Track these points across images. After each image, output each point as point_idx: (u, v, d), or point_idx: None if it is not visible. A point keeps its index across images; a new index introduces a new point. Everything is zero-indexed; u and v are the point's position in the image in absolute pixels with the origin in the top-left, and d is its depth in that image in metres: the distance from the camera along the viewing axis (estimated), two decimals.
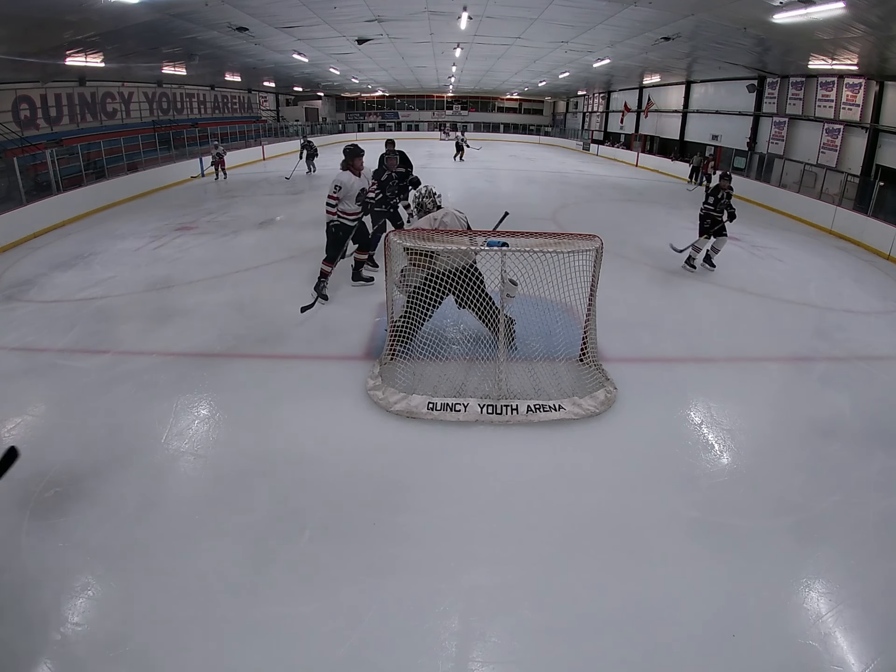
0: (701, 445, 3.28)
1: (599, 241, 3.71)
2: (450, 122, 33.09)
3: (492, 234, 3.61)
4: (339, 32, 12.58)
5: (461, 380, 3.70)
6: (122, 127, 15.39)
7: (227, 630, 2.07)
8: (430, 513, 2.67)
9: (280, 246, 7.37)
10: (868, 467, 3.12)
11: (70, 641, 2.00)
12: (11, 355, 4.32)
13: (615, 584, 2.30)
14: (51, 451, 3.06)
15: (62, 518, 2.58)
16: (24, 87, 12.29)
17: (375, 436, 3.25)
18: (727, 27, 9.51)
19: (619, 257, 6.65)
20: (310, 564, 2.36)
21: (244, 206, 10.68)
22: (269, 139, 21.19)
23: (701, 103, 18.08)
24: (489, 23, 11.57)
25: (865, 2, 6.74)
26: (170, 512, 2.65)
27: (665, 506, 2.76)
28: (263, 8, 9.81)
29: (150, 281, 6.01)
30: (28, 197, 8.76)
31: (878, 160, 11.02)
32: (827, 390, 4.02)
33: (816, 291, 6.21)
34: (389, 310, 3.88)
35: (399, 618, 2.13)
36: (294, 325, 4.77)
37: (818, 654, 2.02)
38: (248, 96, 24.73)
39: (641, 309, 5.37)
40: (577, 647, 2.04)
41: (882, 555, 2.49)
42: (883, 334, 5.10)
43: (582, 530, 2.59)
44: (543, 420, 3.39)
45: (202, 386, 3.82)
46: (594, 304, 3.89)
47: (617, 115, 24.63)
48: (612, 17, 10.12)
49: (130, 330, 4.75)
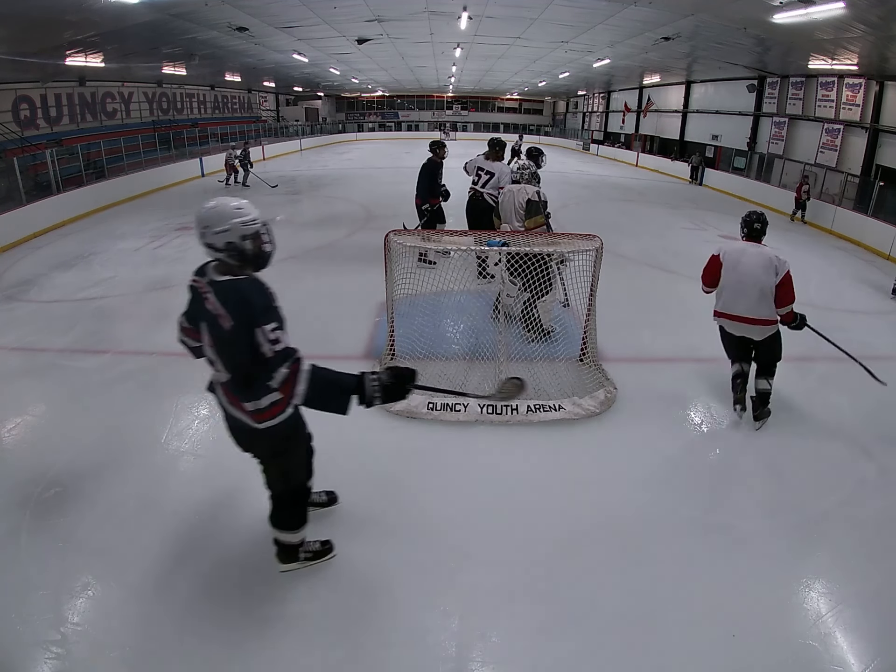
0: (701, 445, 3.28)
1: (599, 241, 3.72)
2: (450, 121, 33.09)
3: (492, 235, 3.61)
4: (339, 32, 12.58)
5: (461, 380, 3.70)
6: (122, 127, 15.39)
7: (228, 630, 2.06)
8: (429, 513, 2.67)
9: (280, 246, 7.29)
10: (868, 467, 3.12)
11: (70, 641, 1.99)
12: (11, 355, 4.32)
13: (615, 583, 2.30)
14: (51, 451, 3.06)
15: (62, 518, 2.58)
16: (24, 87, 12.29)
17: (375, 436, 3.25)
18: (727, 27, 9.51)
19: (620, 257, 6.64)
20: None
21: None
22: (270, 139, 21.21)
23: (701, 103, 18.08)
24: (489, 23, 11.57)
25: (865, 2, 6.73)
26: (170, 512, 2.64)
27: (665, 506, 2.76)
28: (263, 8, 9.81)
29: (150, 281, 6.01)
30: (28, 197, 8.76)
31: (878, 160, 11.01)
32: (827, 390, 4.02)
33: (816, 291, 6.20)
34: (389, 310, 3.88)
35: (399, 618, 2.13)
36: (294, 325, 4.75)
37: (818, 654, 2.02)
38: (248, 96, 24.73)
39: (641, 309, 5.37)
40: (577, 647, 2.04)
41: (882, 555, 2.48)
42: (883, 334, 5.09)
43: (582, 530, 2.59)
44: (543, 420, 3.39)
45: (202, 386, 3.79)
46: (594, 304, 3.89)
47: (617, 115, 24.63)
48: (612, 17, 10.12)
49: (130, 330, 4.75)
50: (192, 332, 1.97)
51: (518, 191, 4.25)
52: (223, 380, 1.87)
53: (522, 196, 4.20)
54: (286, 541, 2.21)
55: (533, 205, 4.17)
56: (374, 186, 13.24)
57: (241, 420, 1.84)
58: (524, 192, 4.22)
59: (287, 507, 2.16)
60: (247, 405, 1.75)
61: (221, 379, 1.88)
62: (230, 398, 1.86)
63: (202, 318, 1.83)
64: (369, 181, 14.12)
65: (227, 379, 1.84)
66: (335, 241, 7.73)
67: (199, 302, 1.84)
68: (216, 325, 1.74)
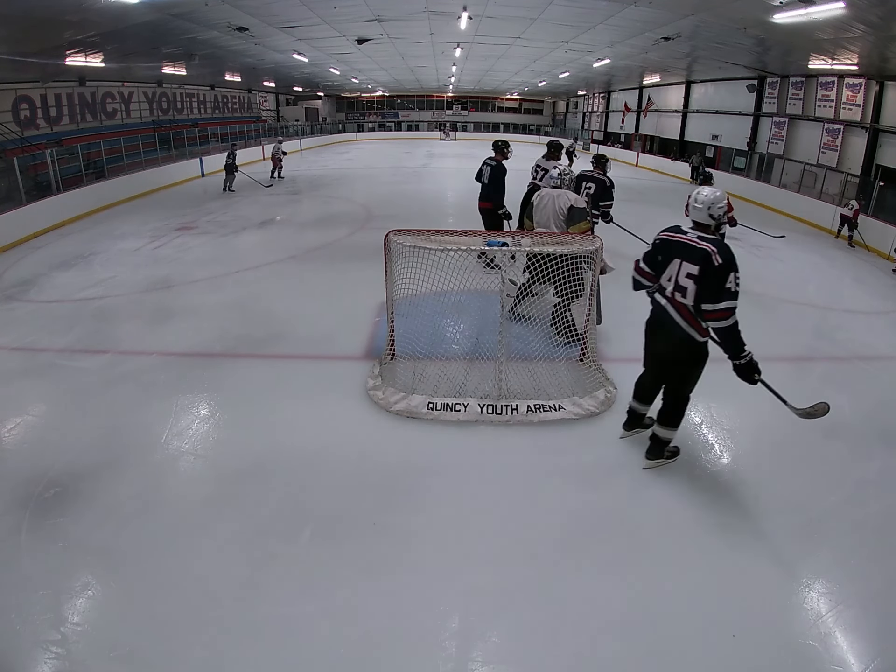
0: (701, 445, 3.28)
1: (599, 241, 3.72)
2: (450, 122, 33.08)
3: (492, 235, 3.61)
4: (339, 32, 12.57)
5: (461, 380, 3.70)
6: (122, 127, 15.37)
7: (228, 630, 2.07)
8: (430, 513, 2.67)
9: (280, 246, 7.38)
10: (868, 467, 3.13)
11: (70, 641, 1.99)
12: (11, 355, 4.32)
13: (615, 583, 2.30)
14: (51, 451, 3.06)
15: (62, 518, 2.58)
16: (24, 87, 12.27)
17: (375, 436, 3.25)
18: (727, 27, 9.50)
19: (620, 257, 6.64)
20: (310, 564, 2.36)
21: (244, 206, 10.69)
22: (269, 139, 21.20)
23: (701, 103, 18.08)
24: (489, 23, 11.55)
25: (865, 2, 6.72)
26: (169, 512, 2.64)
27: (665, 506, 2.76)
28: (263, 8, 9.79)
29: (150, 281, 6.01)
30: (28, 197, 8.76)
31: (878, 160, 11.00)
32: (827, 390, 4.01)
33: (816, 291, 6.21)
34: (389, 310, 3.88)
35: (399, 618, 2.13)
36: (294, 325, 4.77)
37: (818, 654, 2.02)
38: (248, 96, 24.71)
39: (641, 309, 5.35)
40: (577, 647, 2.04)
41: (882, 555, 2.48)
42: (883, 334, 5.10)
43: (582, 530, 2.59)
44: (543, 420, 3.39)
45: (202, 386, 3.82)
46: (594, 304, 3.89)
47: (617, 115, 24.62)
48: (612, 17, 10.10)
49: (130, 330, 4.75)
50: (651, 276, 2.81)
51: (558, 196, 4.24)
52: (687, 302, 2.63)
53: (564, 202, 4.20)
54: (664, 436, 2.95)
55: (576, 211, 4.19)
56: (374, 186, 13.25)
57: (688, 333, 2.67)
58: (565, 197, 4.22)
59: (680, 407, 2.90)
60: (703, 323, 2.61)
61: (685, 301, 2.64)
62: (687, 316, 2.65)
63: (683, 257, 2.62)
64: (369, 181, 14.12)
65: (692, 302, 2.61)
66: (335, 241, 7.73)
67: (678, 249, 2.66)
68: (708, 263, 2.51)
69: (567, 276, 3.67)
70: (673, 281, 2.67)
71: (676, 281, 2.65)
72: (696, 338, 2.67)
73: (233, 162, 12.50)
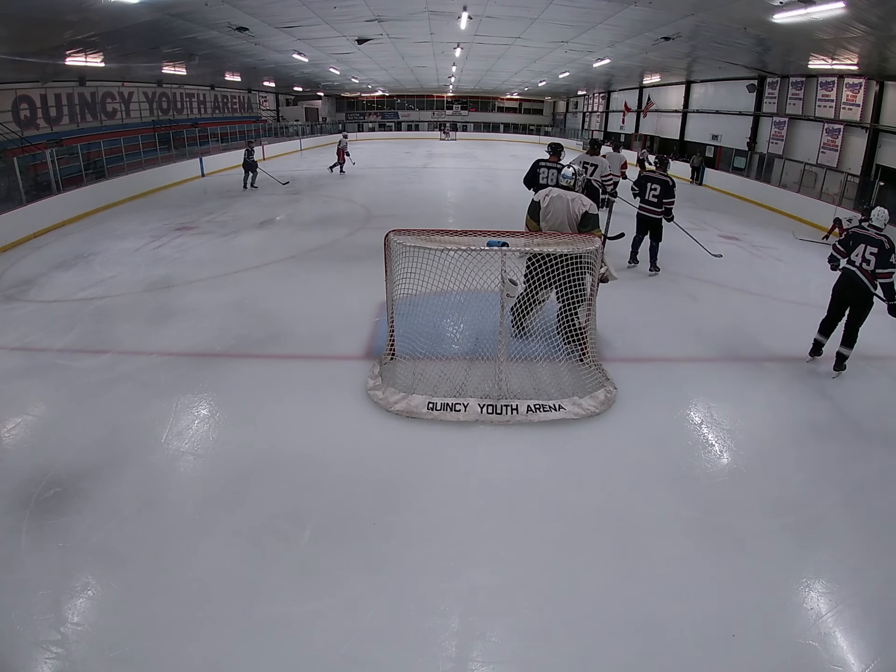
0: (701, 445, 3.28)
1: (599, 241, 3.72)
2: (450, 121, 33.08)
3: (492, 234, 3.61)
4: (339, 32, 12.57)
5: (461, 380, 3.70)
6: (122, 127, 15.37)
7: (228, 630, 2.07)
8: (430, 513, 2.67)
9: (280, 246, 7.38)
10: (868, 467, 3.13)
11: (70, 641, 1.99)
12: (11, 355, 4.32)
13: (615, 583, 2.30)
14: (51, 451, 3.06)
15: (62, 518, 2.58)
16: (24, 87, 12.27)
17: (375, 436, 3.25)
18: (727, 27, 9.50)
19: (620, 257, 6.65)
20: (310, 564, 2.36)
21: (244, 206, 10.69)
22: (270, 139, 21.21)
23: (701, 103, 18.07)
24: (489, 23, 11.56)
25: (865, 2, 6.73)
26: (170, 512, 2.65)
27: (665, 506, 2.76)
28: (263, 8, 9.79)
29: (150, 281, 6.02)
30: (28, 197, 8.76)
31: (878, 160, 11.00)
32: (827, 390, 4.02)
33: (816, 291, 6.20)
34: (389, 310, 3.88)
35: (399, 618, 2.13)
36: (294, 325, 4.77)
37: (818, 654, 2.02)
38: (248, 96, 24.71)
39: (641, 309, 5.38)
40: (577, 647, 2.04)
41: (882, 555, 2.49)
42: (883, 334, 5.09)
43: (582, 530, 2.59)
44: (543, 420, 3.39)
45: (202, 386, 3.82)
46: (594, 304, 3.89)
47: (617, 115, 24.62)
48: (611, 17, 10.11)
49: (130, 330, 4.75)
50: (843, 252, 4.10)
51: (572, 200, 4.20)
52: (868, 269, 3.83)
53: (578, 207, 4.17)
54: (846, 353, 4.11)
55: (591, 217, 4.16)
56: (374, 186, 13.25)
57: (867, 286, 3.88)
58: (580, 202, 4.19)
59: (858, 331, 4.04)
60: (884, 281, 3.79)
61: (867, 268, 3.84)
62: (867, 275, 3.86)
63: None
64: (369, 181, 14.12)
65: (871, 269, 3.82)
66: (335, 241, 7.73)
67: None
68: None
69: (571, 279, 3.66)
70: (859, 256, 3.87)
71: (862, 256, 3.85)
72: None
73: (251, 159, 12.61)
